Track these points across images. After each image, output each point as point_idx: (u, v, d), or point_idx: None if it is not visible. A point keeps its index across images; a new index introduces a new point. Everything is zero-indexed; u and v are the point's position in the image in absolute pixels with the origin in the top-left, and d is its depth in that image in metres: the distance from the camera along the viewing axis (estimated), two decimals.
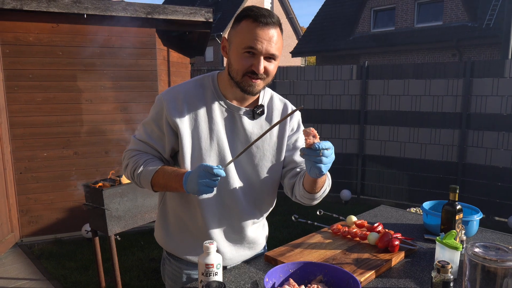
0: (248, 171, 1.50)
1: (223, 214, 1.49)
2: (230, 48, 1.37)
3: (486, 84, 5.44)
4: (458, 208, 1.66)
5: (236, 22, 1.36)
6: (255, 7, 1.34)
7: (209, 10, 5.08)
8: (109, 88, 4.78)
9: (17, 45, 4.37)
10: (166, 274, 1.62)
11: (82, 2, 4.44)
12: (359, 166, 6.53)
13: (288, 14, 27.62)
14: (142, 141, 1.49)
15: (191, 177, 1.29)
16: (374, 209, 2.33)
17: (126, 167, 1.50)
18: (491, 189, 5.51)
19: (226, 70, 1.42)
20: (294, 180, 1.53)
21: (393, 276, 1.47)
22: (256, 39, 1.29)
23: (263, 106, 1.49)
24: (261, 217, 1.61)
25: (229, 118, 1.46)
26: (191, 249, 1.52)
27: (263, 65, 1.33)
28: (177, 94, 1.43)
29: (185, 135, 1.41)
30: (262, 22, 1.29)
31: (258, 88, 1.38)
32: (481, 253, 1.20)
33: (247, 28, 1.30)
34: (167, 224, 1.56)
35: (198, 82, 1.48)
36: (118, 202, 3.10)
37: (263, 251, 1.72)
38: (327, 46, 15.72)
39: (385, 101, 6.18)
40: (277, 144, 1.53)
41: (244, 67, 1.33)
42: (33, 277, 3.81)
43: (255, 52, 1.31)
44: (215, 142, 1.43)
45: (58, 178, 4.69)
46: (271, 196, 1.59)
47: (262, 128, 1.50)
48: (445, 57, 13.00)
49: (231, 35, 1.37)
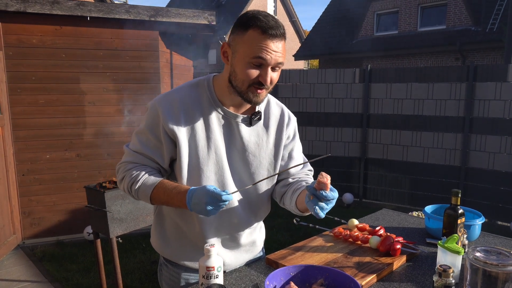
0: (245, 179, 1.49)
1: (219, 222, 1.47)
2: (234, 56, 1.32)
3: (489, 88, 5.42)
4: (460, 212, 1.65)
5: (241, 29, 1.30)
6: (261, 15, 1.29)
7: (212, 13, 5.10)
8: (111, 91, 4.79)
9: (20, 47, 4.39)
10: (163, 279, 1.61)
11: (85, 4, 4.46)
12: (361, 170, 6.52)
13: (291, 17, 27.65)
14: (137, 152, 1.44)
15: (197, 200, 1.26)
16: (376, 213, 2.32)
17: (122, 180, 1.45)
18: (494, 194, 5.49)
19: (226, 77, 1.38)
20: (286, 189, 1.55)
21: (394, 280, 1.46)
22: (265, 51, 1.26)
23: (260, 112, 1.47)
24: (258, 223, 1.61)
25: (226, 125, 1.43)
26: (188, 255, 1.51)
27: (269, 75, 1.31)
28: (172, 101, 1.39)
29: (182, 144, 1.38)
30: (271, 34, 1.26)
31: (262, 97, 1.36)
32: (482, 258, 1.20)
33: (256, 38, 1.27)
34: (164, 230, 1.55)
35: (193, 88, 1.44)
36: (120, 204, 3.11)
37: (261, 253, 1.72)
38: (330, 49, 15.75)
39: (387, 104, 6.17)
40: (273, 152, 1.52)
41: (250, 78, 1.30)
42: (35, 279, 3.81)
43: (263, 63, 1.28)
44: (213, 150, 1.41)
45: (61, 180, 4.70)
46: (267, 203, 1.59)
47: (259, 134, 1.48)
48: (448, 61, 12.99)
49: (236, 43, 1.31)
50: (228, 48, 1.35)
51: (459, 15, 12.99)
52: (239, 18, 1.33)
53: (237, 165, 1.47)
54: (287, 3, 27.18)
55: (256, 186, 1.50)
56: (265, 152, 1.50)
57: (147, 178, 1.39)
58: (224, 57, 1.36)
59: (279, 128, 1.53)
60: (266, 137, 1.50)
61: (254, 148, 1.47)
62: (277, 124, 1.53)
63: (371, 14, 15.03)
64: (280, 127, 1.53)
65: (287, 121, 1.56)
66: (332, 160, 6.60)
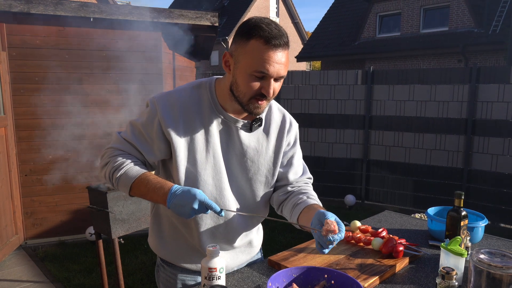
0: (242, 185, 1.48)
1: (216, 227, 1.47)
2: (237, 67, 1.28)
3: (491, 90, 5.41)
4: (463, 214, 1.65)
5: (243, 38, 1.26)
6: (264, 23, 1.24)
7: (214, 14, 5.10)
8: (114, 92, 4.79)
9: (24, 48, 4.40)
10: (160, 281, 1.60)
11: (88, 5, 4.47)
12: (364, 171, 6.51)
13: (294, 18, 27.68)
14: (127, 140, 1.41)
15: (182, 200, 1.23)
16: (378, 215, 2.32)
17: (105, 165, 1.40)
18: (497, 196, 5.47)
19: (227, 85, 1.35)
20: (284, 198, 1.53)
21: (397, 282, 1.46)
22: (268, 63, 1.23)
23: (261, 119, 1.44)
24: (255, 226, 1.60)
25: (226, 130, 1.42)
26: (185, 256, 1.51)
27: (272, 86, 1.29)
28: (172, 102, 1.37)
29: (180, 147, 1.36)
30: (275, 45, 1.22)
31: (263, 108, 1.34)
32: (486, 260, 1.19)
33: (258, 49, 1.23)
34: (161, 230, 1.54)
35: (195, 90, 1.41)
36: (122, 205, 3.11)
37: (259, 254, 1.72)
38: (332, 51, 15.74)
39: (390, 106, 6.17)
40: (273, 158, 1.50)
41: (253, 90, 1.27)
42: (36, 279, 3.82)
43: (265, 75, 1.25)
44: (211, 154, 1.40)
45: (63, 180, 4.70)
46: (265, 208, 1.58)
47: (258, 140, 1.46)
48: (450, 63, 12.96)
49: (239, 53, 1.27)
50: (230, 58, 1.31)
51: (461, 17, 12.97)
52: (241, 26, 1.29)
53: (235, 170, 1.45)
54: (290, 5, 27.22)
55: (252, 192, 1.49)
56: (264, 159, 1.48)
57: (132, 168, 1.35)
58: (226, 66, 1.33)
59: (280, 134, 1.51)
60: (266, 143, 1.48)
61: (253, 154, 1.46)
62: (277, 131, 1.51)
63: (374, 16, 15.02)
64: (280, 133, 1.51)
65: (288, 127, 1.53)
66: (334, 161, 6.59)
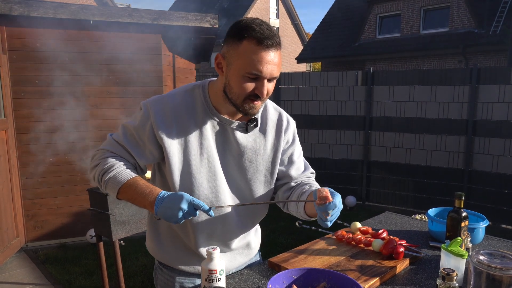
0: (241, 185, 1.47)
1: (213, 229, 1.46)
2: (229, 69, 1.28)
3: (492, 90, 5.41)
4: (463, 215, 1.64)
5: (235, 39, 1.26)
6: (255, 24, 1.24)
7: (214, 16, 5.11)
8: (114, 94, 4.80)
9: (24, 51, 4.41)
10: (159, 283, 1.60)
11: (89, 8, 4.48)
12: (364, 172, 6.51)
13: (294, 20, 27.69)
14: (119, 143, 1.41)
15: (169, 202, 1.22)
16: (379, 216, 2.32)
17: (95, 167, 1.41)
18: (498, 196, 5.47)
19: (220, 87, 1.34)
20: (289, 193, 1.53)
21: (397, 284, 1.46)
22: (261, 64, 1.23)
23: (256, 119, 1.44)
24: (253, 227, 1.60)
25: (221, 132, 1.41)
26: (182, 258, 1.50)
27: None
28: (165, 107, 1.36)
29: (173, 151, 1.35)
30: (267, 45, 1.23)
31: (258, 109, 1.34)
32: (486, 261, 1.19)
33: (250, 50, 1.23)
34: (158, 233, 1.54)
35: (188, 93, 1.41)
36: (122, 207, 3.11)
37: (258, 256, 1.72)
38: (333, 52, 15.75)
39: (390, 107, 6.17)
40: (271, 158, 1.50)
41: (246, 91, 1.27)
42: (38, 281, 3.82)
43: (258, 76, 1.25)
44: (206, 157, 1.39)
45: (64, 183, 4.71)
46: (264, 209, 1.58)
47: (256, 140, 1.46)
48: (451, 64, 12.96)
49: (231, 55, 1.27)
50: (223, 60, 1.31)
51: (462, 17, 12.98)
52: (232, 27, 1.28)
53: (233, 172, 1.45)
54: (289, 6, 27.23)
55: (252, 192, 1.49)
56: (262, 158, 1.47)
57: (122, 172, 1.35)
58: (218, 68, 1.32)
59: (277, 133, 1.51)
60: (264, 143, 1.47)
61: (251, 154, 1.45)
62: (275, 129, 1.50)
63: (374, 17, 15.03)
64: (278, 132, 1.51)
65: (286, 125, 1.53)
66: (335, 163, 6.59)
